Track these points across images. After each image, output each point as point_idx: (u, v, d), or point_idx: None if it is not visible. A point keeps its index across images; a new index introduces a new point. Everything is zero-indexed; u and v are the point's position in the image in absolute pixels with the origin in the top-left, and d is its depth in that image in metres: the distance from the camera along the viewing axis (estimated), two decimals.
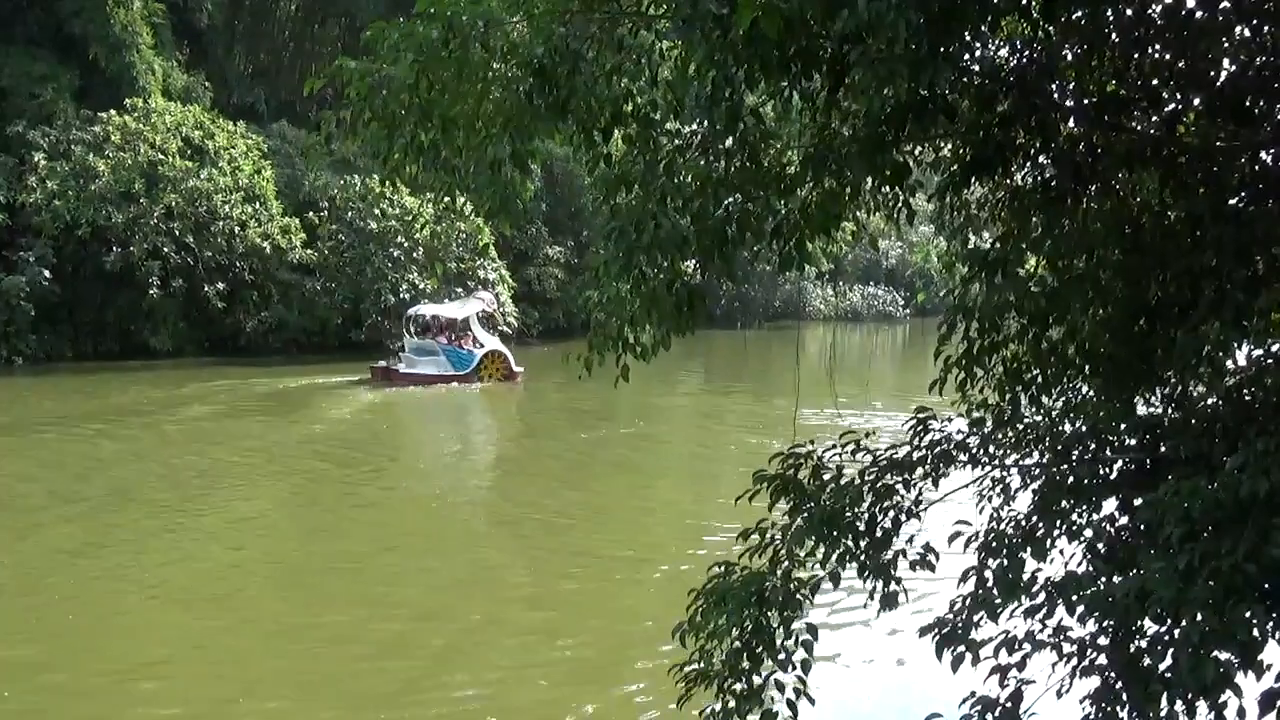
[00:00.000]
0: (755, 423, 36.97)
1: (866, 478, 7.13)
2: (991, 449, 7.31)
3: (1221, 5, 6.40)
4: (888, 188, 6.71)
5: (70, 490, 25.60)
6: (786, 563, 7.05)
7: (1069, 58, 6.63)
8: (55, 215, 45.84)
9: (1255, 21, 6.39)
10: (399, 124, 6.84)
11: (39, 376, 43.59)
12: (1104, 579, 6.07)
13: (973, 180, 6.94)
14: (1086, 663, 5.82)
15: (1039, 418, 7.38)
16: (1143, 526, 5.90)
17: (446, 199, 7.60)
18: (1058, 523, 6.72)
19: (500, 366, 46.07)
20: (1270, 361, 6.41)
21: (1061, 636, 5.99)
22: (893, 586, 6.95)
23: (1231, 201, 6.52)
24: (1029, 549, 6.62)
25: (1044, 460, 7.11)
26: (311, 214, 53.48)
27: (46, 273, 45.86)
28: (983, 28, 5.90)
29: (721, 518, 21.64)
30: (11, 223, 46.54)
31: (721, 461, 31.76)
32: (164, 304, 48.95)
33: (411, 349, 46.18)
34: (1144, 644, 5.52)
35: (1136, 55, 6.55)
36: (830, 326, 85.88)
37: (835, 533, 6.87)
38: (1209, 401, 6.72)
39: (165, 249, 47.92)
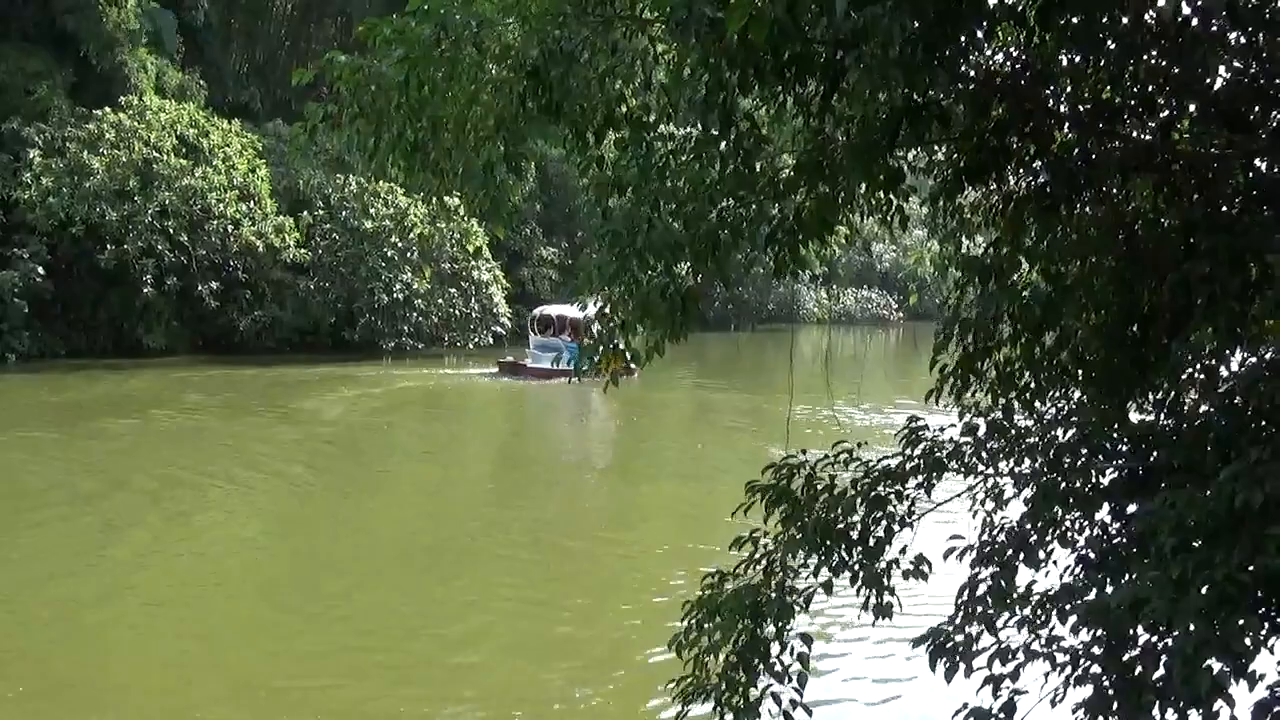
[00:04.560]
0: (749, 420, 37.12)
1: (859, 487, 7.11)
2: (984, 456, 7.29)
3: None
4: (882, 193, 6.70)
5: (65, 487, 25.52)
6: (780, 573, 7.03)
7: (1064, 64, 6.61)
8: (49, 212, 45.68)
9: (1250, 29, 6.37)
10: (387, 121, 6.80)
11: (32, 374, 43.48)
12: (1096, 588, 6.06)
13: (967, 186, 6.93)
14: (1080, 672, 5.80)
15: (1032, 424, 7.37)
16: (1136, 535, 5.89)
17: (436, 199, 7.58)
18: (1051, 531, 6.71)
19: (618, 363, 47.67)
20: (1264, 370, 6.39)
21: (1054, 646, 5.98)
22: (886, 596, 6.94)
23: (1225, 209, 6.50)
24: (1022, 557, 6.61)
25: (1037, 468, 7.09)
26: (305, 213, 53.38)
27: (40, 269, 45.71)
28: (978, 34, 5.88)
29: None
30: (5, 219, 46.40)
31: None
32: (158, 302, 48.86)
33: (536, 345, 49.64)
34: (1137, 654, 5.50)
35: (1131, 62, 6.53)
36: (824, 329, 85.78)
37: (829, 543, 6.86)
38: (1202, 409, 6.70)
39: (159, 247, 47.77)
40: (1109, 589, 5.95)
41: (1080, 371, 7.12)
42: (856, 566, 6.98)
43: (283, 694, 14.52)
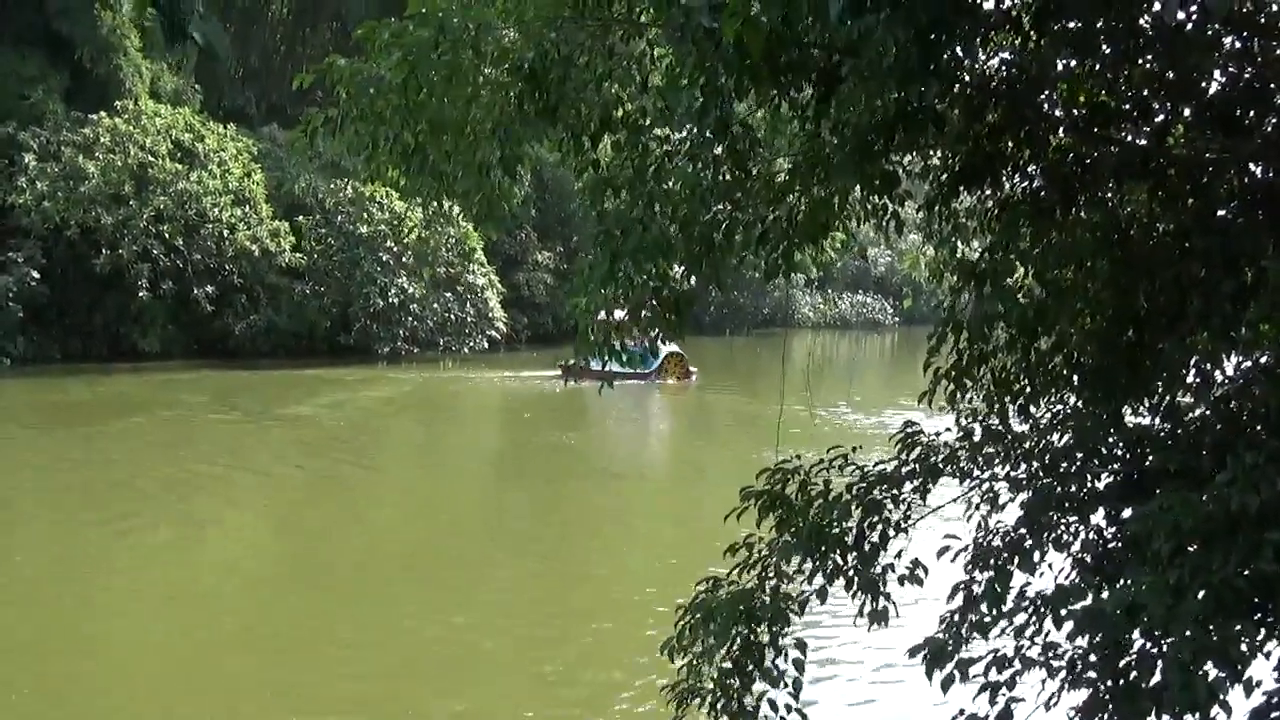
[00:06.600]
0: (746, 424, 37.20)
1: (854, 492, 7.10)
2: (980, 461, 7.28)
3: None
4: (876, 197, 6.70)
5: (64, 490, 25.45)
6: (774, 579, 7.02)
7: (1059, 69, 6.61)
8: (44, 216, 45.61)
9: (1244, 33, 6.38)
10: (385, 124, 6.78)
11: (28, 378, 43.39)
12: (1092, 593, 6.04)
13: (961, 190, 6.93)
14: (1075, 679, 5.78)
15: (1027, 429, 7.36)
16: (1131, 540, 5.87)
17: (434, 203, 7.57)
18: (1046, 536, 6.70)
19: (679, 366, 49.79)
20: (1258, 373, 6.39)
21: (1051, 653, 5.96)
22: (882, 602, 6.92)
23: (1220, 213, 6.50)
24: (1017, 562, 6.60)
25: (1032, 472, 7.08)
26: (301, 217, 53.35)
27: (35, 274, 45.64)
28: (975, 40, 5.87)
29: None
30: (0, 224, 46.35)
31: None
32: (153, 306, 48.78)
33: None
34: (1133, 660, 5.49)
35: (1126, 67, 6.53)
36: (818, 334, 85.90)
37: (823, 548, 6.84)
38: (1197, 413, 6.70)
39: (154, 251, 47.74)
40: (1104, 594, 5.94)
41: (1075, 376, 7.11)
42: (851, 572, 6.96)
43: (284, 696, 14.51)
